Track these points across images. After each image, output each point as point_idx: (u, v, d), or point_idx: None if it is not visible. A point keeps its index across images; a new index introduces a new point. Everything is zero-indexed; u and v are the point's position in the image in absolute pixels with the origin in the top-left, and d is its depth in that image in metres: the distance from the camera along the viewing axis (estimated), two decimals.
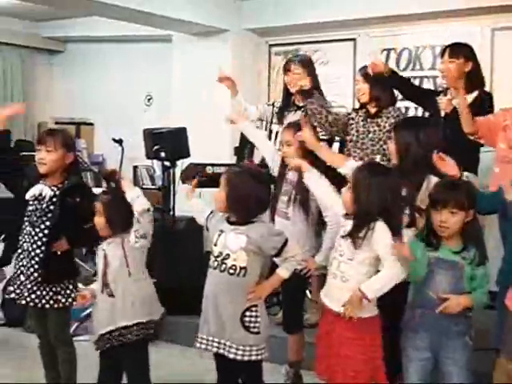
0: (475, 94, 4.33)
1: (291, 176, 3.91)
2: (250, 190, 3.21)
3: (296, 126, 3.97)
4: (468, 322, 3.11)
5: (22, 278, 3.64)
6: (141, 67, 8.01)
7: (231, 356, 3.16)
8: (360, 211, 3.13)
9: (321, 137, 4.30)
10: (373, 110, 4.50)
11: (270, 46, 7.15)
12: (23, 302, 3.65)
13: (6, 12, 8.00)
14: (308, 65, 4.86)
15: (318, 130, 4.31)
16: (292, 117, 4.74)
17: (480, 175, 4.35)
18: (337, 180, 3.66)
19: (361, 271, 3.14)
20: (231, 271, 3.19)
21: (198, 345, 3.26)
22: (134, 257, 3.42)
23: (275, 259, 3.33)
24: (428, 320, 3.11)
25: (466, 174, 3.71)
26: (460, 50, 4.39)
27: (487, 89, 4.66)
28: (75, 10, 6.86)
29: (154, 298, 3.53)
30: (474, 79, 4.38)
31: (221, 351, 3.19)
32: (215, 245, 3.25)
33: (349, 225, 3.17)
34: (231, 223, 3.24)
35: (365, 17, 6.21)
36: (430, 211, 3.15)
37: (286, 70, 4.84)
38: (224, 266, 3.20)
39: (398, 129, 3.64)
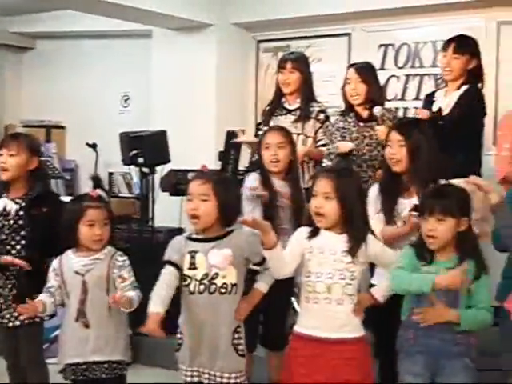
0: (463, 90, 4.35)
1: (281, 188, 3.89)
2: (236, 197, 3.23)
3: (285, 128, 3.98)
4: (468, 342, 3.08)
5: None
6: (117, 65, 7.96)
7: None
8: (355, 224, 3.09)
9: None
10: (365, 114, 4.49)
11: (259, 41, 7.13)
12: None
13: None
14: (304, 63, 4.84)
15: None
16: (284, 120, 4.73)
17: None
18: None
19: (355, 288, 3.12)
20: (222, 290, 3.17)
21: (188, 379, 3.23)
22: (115, 290, 3.39)
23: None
24: (423, 341, 3.09)
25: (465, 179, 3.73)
26: (466, 46, 4.41)
27: (492, 85, 4.68)
28: (47, 3, 6.81)
29: (128, 339, 3.51)
30: (474, 76, 4.40)
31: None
32: (193, 268, 3.19)
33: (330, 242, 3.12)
34: (206, 240, 3.20)
35: (360, 10, 6.19)
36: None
37: (281, 68, 4.81)
38: (214, 286, 3.17)
39: (407, 130, 3.60)
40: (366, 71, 4.58)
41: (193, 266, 3.20)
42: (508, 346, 3.33)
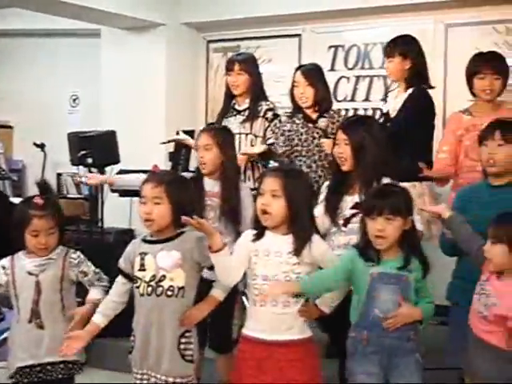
0: (410, 91, 4.41)
1: (211, 187, 3.90)
2: (190, 197, 3.22)
3: (215, 129, 3.99)
4: (418, 338, 3.11)
5: None
6: (66, 65, 7.88)
7: None
8: (301, 224, 3.10)
9: None
10: (314, 115, 4.52)
11: (209, 42, 7.12)
12: None
13: None
14: (252, 64, 4.83)
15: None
16: (234, 122, 4.73)
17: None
18: None
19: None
20: (169, 293, 3.14)
21: (138, 382, 3.20)
22: (69, 289, 3.36)
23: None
24: (377, 341, 3.09)
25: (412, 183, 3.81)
26: (395, 48, 4.46)
27: (440, 87, 4.74)
28: None
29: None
30: (419, 77, 4.46)
31: None
32: (142, 270, 3.18)
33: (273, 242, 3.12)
34: (157, 242, 3.19)
35: (310, 11, 6.23)
36: (364, 222, 3.14)
37: (229, 69, 4.79)
38: (161, 288, 3.14)
39: (351, 129, 3.62)
40: (313, 74, 4.58)
41: (142, 268, 3.18)
42: (458, 345, 3.38)
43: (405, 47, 4.47)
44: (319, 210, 3.60)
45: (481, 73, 4.25)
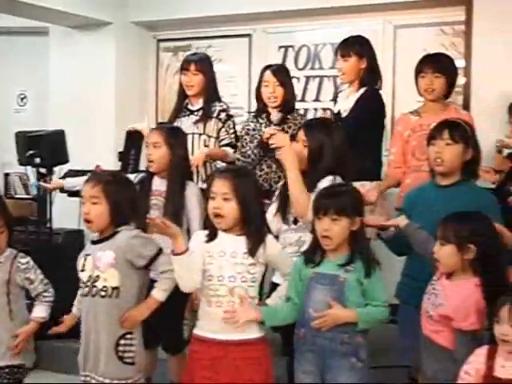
0: (362, 91, 4.46)
1: (158, 186, 3.89)
2: (130, 197, 3.22)
3: (165, 128, 3.99)
4: (356, 341, 3.09)
5: None
6: (13, 63, 7.75)
7: None
8: (254, 224, 3.11)
9: None
10: (277, 116, 4.53)
11: (159, 41, 7.09)
12: None
13: None
14: (207, 65, 4.83)
15: None
16: (187, 122, 4.72)
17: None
18: None
19: (257, 290, 3.14)
20: (102, 293, 3.14)
21: None
22: (18, 293, 3.32)
23: None
24: (312, 340, 3.11)
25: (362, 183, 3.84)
26: (350, 48, 4.50)
27: (389, 87, 4.80)
28: None
29: (31, 343, 3.43)
30: (370, 77, 4.51)
31: None
32: (82, 270, 3.19)
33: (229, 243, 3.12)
34: (97, 242, 3.20)
35: (261, 11, 6.24)
36: (314, 222, 3.17)
37: (184, 69, 4.77)
38: (95, 289, 3.15)
39: (310, 131, 3.62)
40: (282, 74, 4.61)
41: (82, 269, 3.21)
42: (406, 343, 3.42)
43: (360, 47, 4.52)
44: (271, 210, 3.61)
45: (422, 72, 4.32)
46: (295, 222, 3.58)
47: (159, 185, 3.92)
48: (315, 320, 3.04)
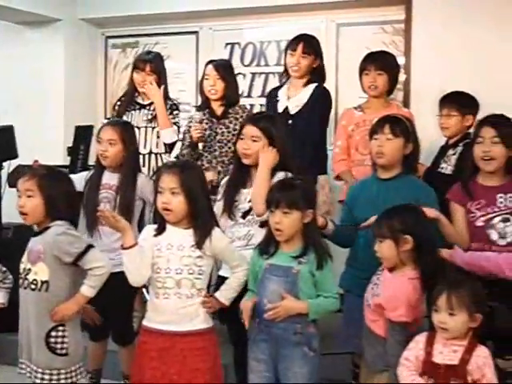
0: (311, 88, 4.47)
1: (109, 180, 3.86)
2: (66, 192, 3.22)
3: (120, 124, 3.98)
4: (308, 331, 3.14)
5: None
6: None
7: (38, 382, 3.10)
8: (201, 217, 3.11)
9: None
10: (219, 110, 4.53)
11: (107, 37, 7.00)
12: None
13: None
14: (160, 63, 4.85)
15: None
16: (138, 115, 4.75)
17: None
18: None
19: (204, 282, 3.15)
20: (32, 286, 3.14)
21: (21, 371, 3.20)
22: None
23: None
24: (265, 330, 3.15)
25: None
26: (313, 46, 4.53)
27: (332, 84, 4.84)
28: None
29: None
30: (318, 74, 4.54)
31: (30, 376, 3.14)
32: (22, 263, 3.20)
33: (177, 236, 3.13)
34: (34, 235, 3.20)
35: (207, 9, 6.21)
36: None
37: (138, 68, 4.77)
38: (26, 282, 3.15)
39: (262, 125, 3.61)
40: (224, 68, 4.60)
41: (22, 261, 3.22)
42: (350, 330, 3.45)
43: (319, 47, 4.57)
44: (218, 206, 3.61)
45: (366, 69, 4.38)
46: (244, 216, 3.59)
47: (109, 178, 3.89)
48: (269, 312, 3.07)
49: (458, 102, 4.30)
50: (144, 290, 4.68)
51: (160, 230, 3.15)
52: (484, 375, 2.76)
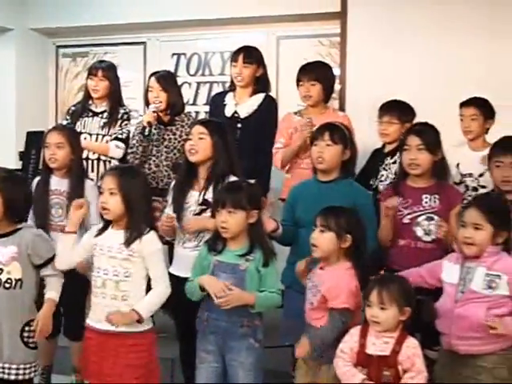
0: (261, 97, 4.52)
1: (58, 186, 3.84)
2: (24, 194, 3.22)
3: (66, 129, 4.05)
4: (254, 324, 3.19)
5: None
6: None
7: (12, 378, 3.10)
8: (135, 219, 3.10)
9: None
10: (166, 118, 4.53)
11: (58, 47, 6.94)
12: None
13: None
14: (113, 71, 4.85)
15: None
16: (91, 122, 4.73)
17: None
18: None
19: (141, 287, 3.12)
20: (7, 285, 3.13)
21: None
22: None
23: None
24: (214, 323, 3.19)
25: None
26: (254, 56, 4.56)
27: (273, 93, 4.88)
28: None
29: None
30: (262, 83, 4.59)
31: (2, 375, 3.12)
32: None
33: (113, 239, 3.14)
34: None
35: (154, 21, 6.22)
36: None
37: (92, 74, 4.77)
38: None
39: (209, 126, 3.64)
40: (165, 80, 4.60)
41: None
42: (289, 324, 3.49)
43: (261, 57, 4.61)
44: (168, 212, 3.63)
45: (300, 80, 4.42)
46: None
47: (59, 184, 3.86)
48: (219, 299, 3.07)
49: (399, 110, 4.32)
50: None
51: (101, 231, 3.18)
52: (413, 364, 2.83)
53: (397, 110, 4.32)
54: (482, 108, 4.20)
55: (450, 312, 3.02)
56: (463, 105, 4.27)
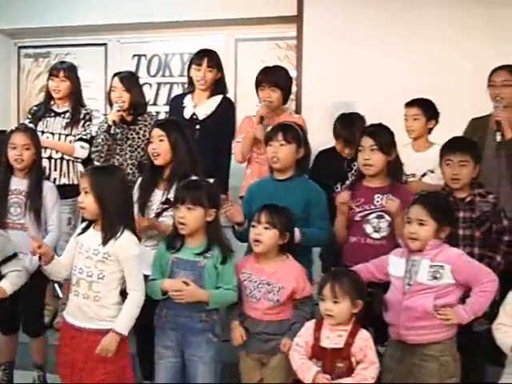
0: (219, 99, 4.50)
1: (18, 185, 3.79)
2: None
3: (31, 130, 3.96)
4: (212, 319, 3.20)
5: None
6: None
7: None
8: (109, 218, 3.05)
9: None
10: (129, 118, 4.51)
11: (20, 47, 6.83)
12: None
13: None
14: (74, 72, 4.83)
15: None
16: (53, 122, 4.71)
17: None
18: None
19: (113, 287, 3.08)
20: None
21: None
22: None
23: None
24: (173, 319, 3.19)
25: None
26: (215, 60, 4.55)
27: (231, 95, 4.86)
28: None
29: None
30: (220, 86, 4.57)
31: None
32: None
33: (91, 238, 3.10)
34: None
35: (115, 23, 6.15)
36: None
37: (53, 75, 4.75)
38: None
39: (168, 127, 3.64)
40: (128, 80, 4.57)
41: None
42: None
43: (219, 60, 4.57)
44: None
45: (261, 85, 4.41)
46: (157, 216, 3.58)
47: (18, 184, 3.81)
48: (174, 293, 3.09)
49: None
50: (56, 284, 4.62)
51: (84, 230, 3.15)
52: (366, 355, 2.87)
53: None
54: (425, 108, 4.23)
55: (399, 304, 3.06)
56: (407, 105, 4.30)
